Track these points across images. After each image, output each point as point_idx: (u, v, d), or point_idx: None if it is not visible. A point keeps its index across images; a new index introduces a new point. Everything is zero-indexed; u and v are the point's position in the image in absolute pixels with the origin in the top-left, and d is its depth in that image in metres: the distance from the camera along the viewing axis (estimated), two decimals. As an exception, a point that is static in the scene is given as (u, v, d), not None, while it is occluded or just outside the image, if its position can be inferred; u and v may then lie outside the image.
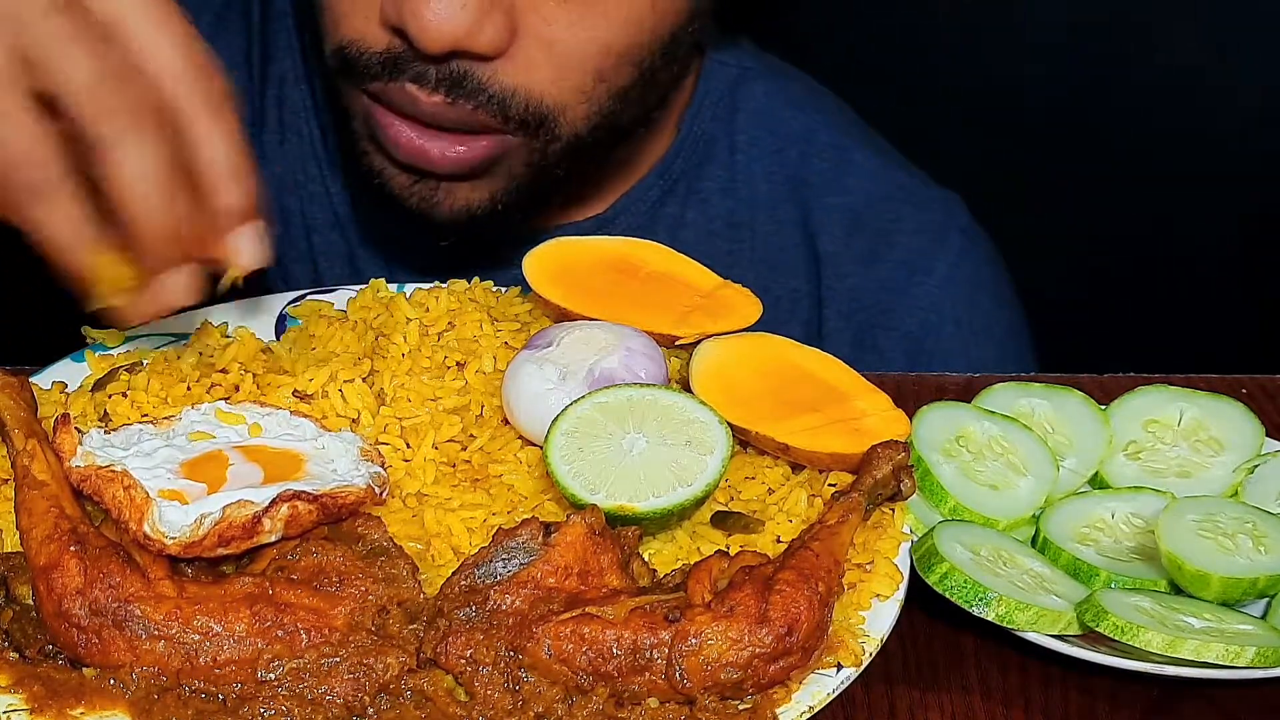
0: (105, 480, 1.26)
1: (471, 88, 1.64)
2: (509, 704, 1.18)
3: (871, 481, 1.33)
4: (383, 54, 1.65)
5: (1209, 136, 2.48)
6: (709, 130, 1.96)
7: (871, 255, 1.96)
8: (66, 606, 1.19)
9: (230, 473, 1.30)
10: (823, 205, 1.97)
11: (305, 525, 1.26)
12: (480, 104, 1.65)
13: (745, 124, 1.98)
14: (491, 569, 1.23)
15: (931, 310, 1.94)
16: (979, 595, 1.30)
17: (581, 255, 1.53)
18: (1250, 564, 1.34)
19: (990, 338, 1.96)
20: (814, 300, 1.96)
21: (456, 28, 1.59)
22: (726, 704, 1.19)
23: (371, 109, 1.69)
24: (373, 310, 1.51)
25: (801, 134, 1.99)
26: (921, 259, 1.95)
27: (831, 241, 1.96)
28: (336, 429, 1.39)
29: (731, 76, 1.99)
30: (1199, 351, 2.42)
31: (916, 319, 1.94)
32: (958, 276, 1.96)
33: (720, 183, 1.96)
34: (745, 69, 1.99)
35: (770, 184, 1.97)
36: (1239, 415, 1.51)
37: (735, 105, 1.98)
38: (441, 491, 1.35)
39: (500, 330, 1.49)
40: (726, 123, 1.97)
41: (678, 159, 1.94)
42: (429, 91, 1.64)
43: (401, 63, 1.64)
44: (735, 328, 1.47)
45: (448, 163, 1.68)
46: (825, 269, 1.96)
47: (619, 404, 1.35)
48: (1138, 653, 1.28)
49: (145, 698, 1.17)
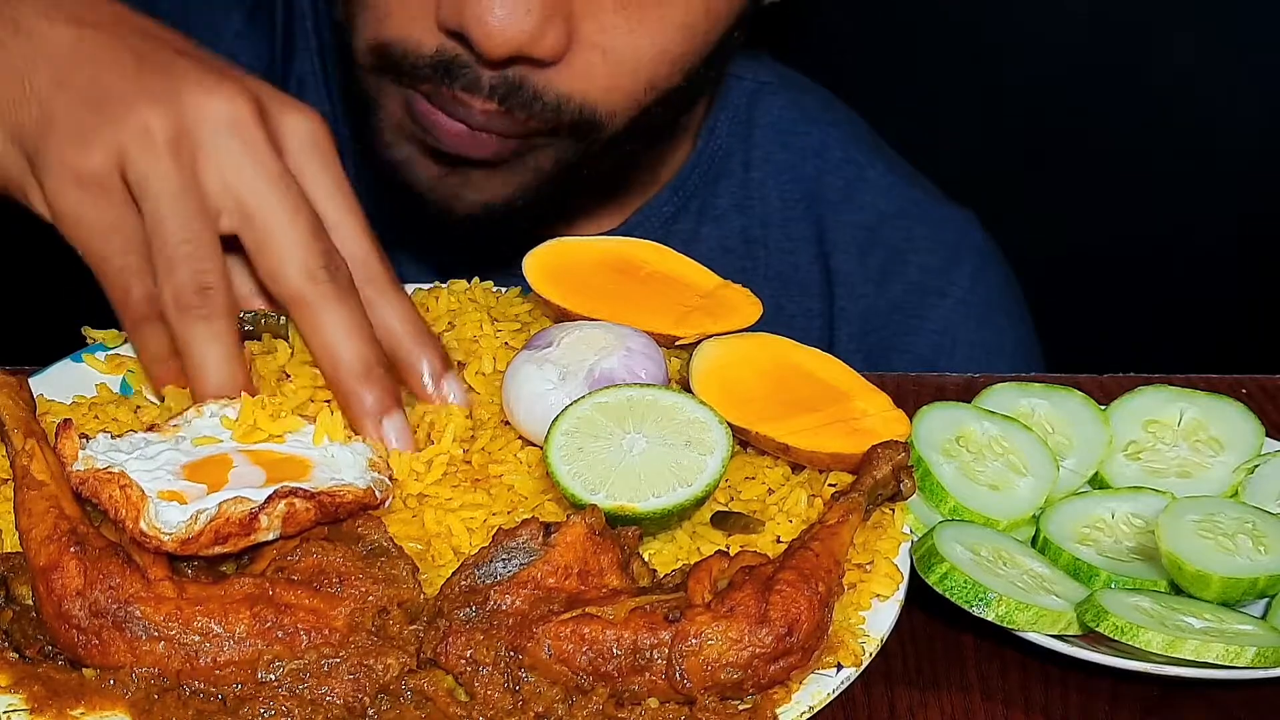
0: (102, 481, 1.26)
1: (526, 97, 1.63)
2: (509, 704, 1.18)
3: (871, 481, 1.33)
4: (433, 57, 1.63)
5: (1209, 136, 2.48)
6: (725, 146, 1.95)
7: (885, 274, 1.95)
8: (66, 607, 1.19)
9: (232, 475, 1.29)
10: (837, 222, 1.96)
11: (303, 523, 1.26)
12: (533, 113, 1.64)
13: (761, 140, 1.97)
14: (491, 569, 1.23)
15: (944, 333, 1.94)
16: (979, 595, 1.30)
17: (581, 255, 1.53)
18: (1250, 564, 1.34)
19: (1001, 356, 1.96)
20: (826, 319, 1.95)
21: (520, 33, 1.58)
22: (726, 704, 1.19)
23: (414, 99, 1.67)
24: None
25: (816, 149, 1.98)
26: (935, 280, 1.95)
27: (845, 260, 1.95)
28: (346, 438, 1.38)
29: (748, 91, 1.98)
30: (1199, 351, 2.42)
31: (929, 341, 1.94)
32: (971, 299, 1.95)
33: (735, 199, 1.95)
34: (762, 84, 1.99)
35: (784, 200, 1.96)
36: (1239, 415, 1.51)
37: (752, 121, 1.97)
38: (442, 491, 1.35)
39: (500, 330, 1.49)
40: (742, 139, 1.97)
41: (693, 174, 1.94)
42: (483, 99, 1.63)
43: (455, 68, 1.63)
44: (735, 328, 1.47)
45: (488, 151, 1.67)
46: (838, 287, 1.95)
47: (619, 404, 1.35)
48: (1138, 653, 1.28)
49: (145, 698, 1.17)
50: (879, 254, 1.95)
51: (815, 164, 1.98)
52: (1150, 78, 2.46)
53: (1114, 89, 2.47)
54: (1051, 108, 2.49)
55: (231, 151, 1.34)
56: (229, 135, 1.34)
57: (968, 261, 1.96)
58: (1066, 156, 2.52)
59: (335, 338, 1.35)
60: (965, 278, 1.95)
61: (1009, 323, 1.99)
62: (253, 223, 1.34)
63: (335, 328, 1.35)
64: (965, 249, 1.97)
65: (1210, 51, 2.45)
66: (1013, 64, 2.47)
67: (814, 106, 2.02)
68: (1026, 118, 2.50)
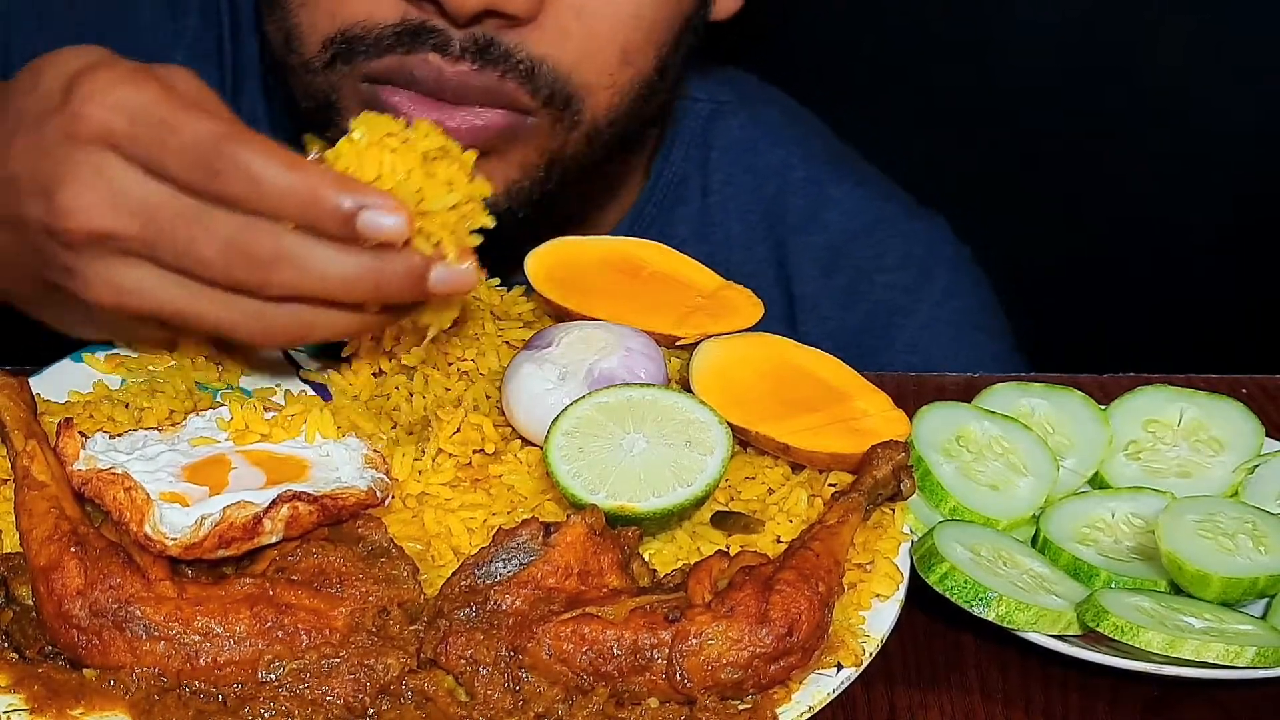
0: (106, 482, 1.26)
1: (498, 54, 1.58)
2: (509, 704, 1.18)
3: (871, 481, 1.33)
4: (398, 25, 1.59)
5: (1207, 135, 2.48)
6: (680, 171, 1.91)
7: (850, 295, 1.90)
8: (67, 607, 1.19)
9: (232, 476, 1.30)
10: (798, 244, 1.91)
11: (306, 526, 1.26)
12: (508, 69, 1.59)
13: (719, 162, 1.93)
14: (491, 569, 1.23)
15: (914, 352, 1.89)
16: (979, 595, 1.30)
17: (583, 255, 1.53)
18: (1250, 564, 1.34)
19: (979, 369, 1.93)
20: None
21: None
22: (726, 704, 1.19)
23: (377, 91, 1.62)
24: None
25: (777, 169, 1.93)
26: (903, 298, 1.90)
27: (807, 282, 1.91)
28: (340, 436, 1.38)
29: (704, 114, 1.93)
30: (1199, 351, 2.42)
31: (900, 361, 1.88)
32: (942, 316, 1.90)
33: (693, 227, 1.91)
34: (720, 104, 1.94)
35: (745, 224, 1.91)
36: (1239, 415, 1.51)
37: (708, 144, 1.93)
38: (442, 491, 1.35)
39: (503, 329, 1.49)
40: (699, 164, 1.92)
41: (648, 204, 1.90)
42: (453, 60, 1.58)
43: (422, 32, 1.58)
44: (736, 328, 1.47)
45: (465, 135, 1.59)
46: (801, 312, 1.91)
47: (619, 404, 1.35)
48: (1138, 653, 1.28)
49: (145, 699, 1.17)
50: (843, 275, 1.90)
51: (776, 184, 1.93)
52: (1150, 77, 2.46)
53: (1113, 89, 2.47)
54: (1051, 107, 2.49)
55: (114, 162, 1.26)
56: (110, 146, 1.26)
57: (940, 277, 1.91)
58: (1065, 156, 2.52)
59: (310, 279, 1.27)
60: (936, 293, 1.90)
61: (987, 337, 1.94)
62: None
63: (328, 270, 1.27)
64: (935, 263, 1.91)
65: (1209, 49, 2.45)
66: (1011, 63, 2.47)
67: (775, 122, 1.97)
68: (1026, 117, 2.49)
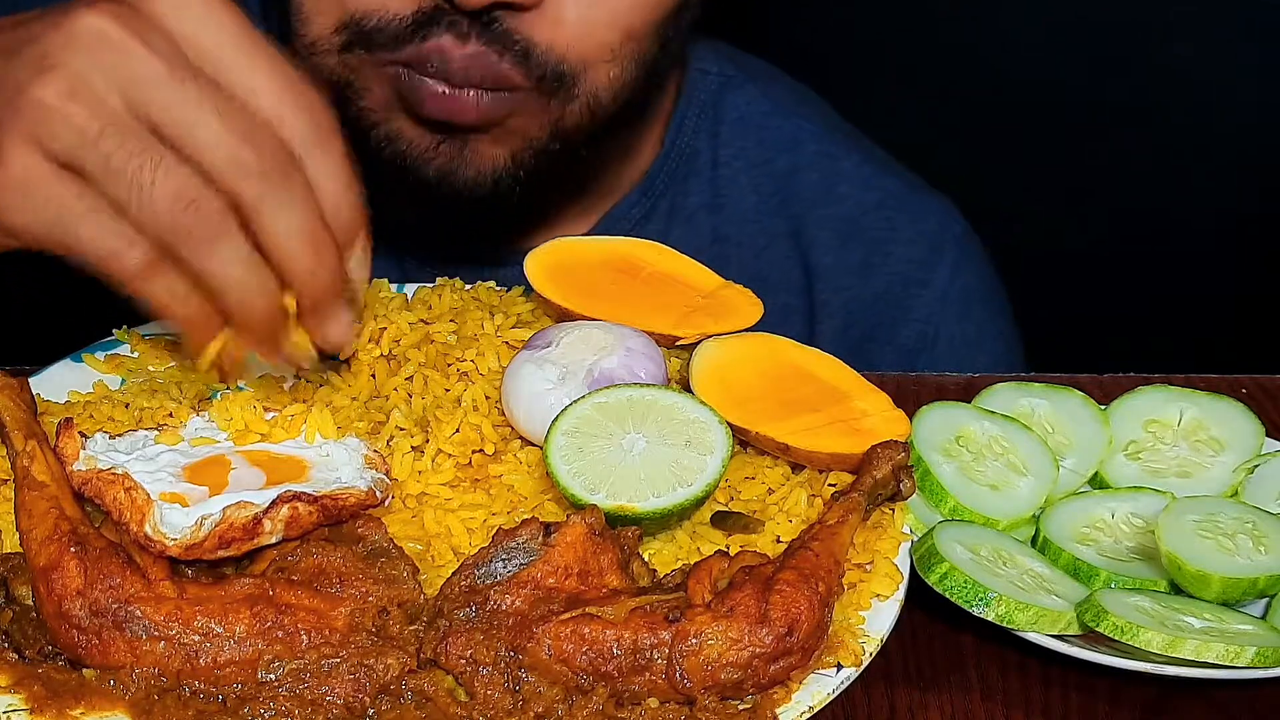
0: (106, 483, 1.26)
1: (499, 31, 1.61)
2: (509, 704, 1.18)
3: (871, 481, 1.33)
4: (413, 15, 1.62)
5: (1209, 137, 2.48)
6: (692, 144, 1.93)
7: (867, 266, 1.93)
8: (67, 607, 1.19)
9: (232, 476, 1.30)
10: (814, 216, 1.94)
11: (306, 527, 1.26)
12: (505, 49, 1.62)
13: (730, 135, 1.95)
14: (491, 569, 1.23)
15: (927, 323, 1.93)
16: (979, 595, 1.30)
17: (583, 255, 1.54)
18: (1250, 564, 1.34)
19: (981, 349, 1.95)
20: (806, 315, 1.94)
21: None
22: (726, 704, 1.19)
23: (396, 73, 1.66)
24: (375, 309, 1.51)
25: (789, 142, 1.96)
26: (918, 271, 1.93)
27: (826, 253, 1.93)
28: (340, 436, 1.38)
29: (714, 86, 1.95)
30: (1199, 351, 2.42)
31: (912, 332, 1.93)
32: (953, 290, 1.94)
33: (705, 198, 1.93)
34: (728, 77, 1.96)
35: (758, 196, 1.94)
36: (1239, 415, 1.51)
37: (719, 116, 1.95)
38: (441, 492, 1.35)
39: (502, 329, 1.49)
40: (710, 134, 1.94)
41: (660, 175, 1.91)
42: (463, 42, 1.62)
43: (436, 18, 1.62)
44: (736, 328, 1.47)
45: (476, 113, 1.64)
46: (818, 282, 1.94)
47: (619, 404, 1.35)
48: (1138, 653, 1.28)
49: (145, 698, 1.17)
50: (860, 246, 1.94)
51: (788, 158, 1.95)
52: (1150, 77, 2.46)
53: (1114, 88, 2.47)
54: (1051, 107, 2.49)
55: (113, 70, 1.23)
56: (100, 56, 1.23)
57: (949, 252, 1.95)
58: (1065, 154, 2.52)
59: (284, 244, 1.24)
60: (947, 268, 1.94)
61: (988, 314, 1.98)
62: (165, 130, 1.23)
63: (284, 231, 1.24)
64: (946, 239, 1.95)
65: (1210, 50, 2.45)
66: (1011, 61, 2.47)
67: (784, 98, 2.00)
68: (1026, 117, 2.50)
